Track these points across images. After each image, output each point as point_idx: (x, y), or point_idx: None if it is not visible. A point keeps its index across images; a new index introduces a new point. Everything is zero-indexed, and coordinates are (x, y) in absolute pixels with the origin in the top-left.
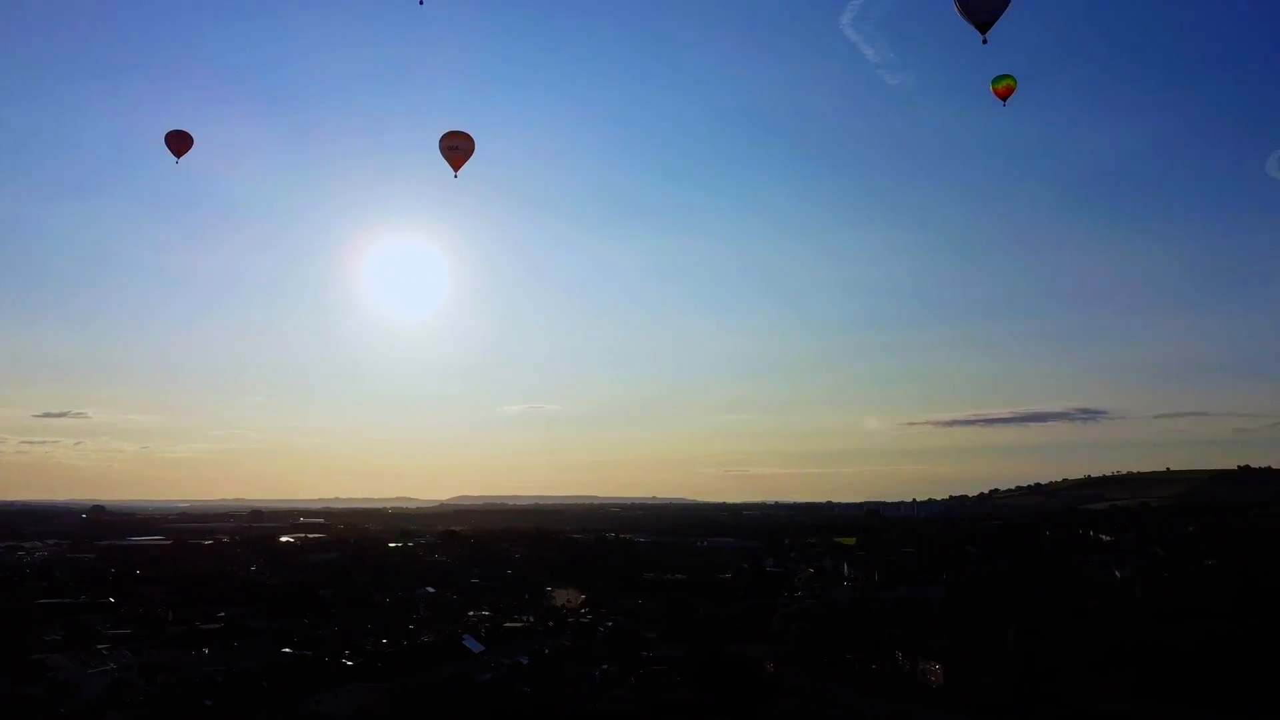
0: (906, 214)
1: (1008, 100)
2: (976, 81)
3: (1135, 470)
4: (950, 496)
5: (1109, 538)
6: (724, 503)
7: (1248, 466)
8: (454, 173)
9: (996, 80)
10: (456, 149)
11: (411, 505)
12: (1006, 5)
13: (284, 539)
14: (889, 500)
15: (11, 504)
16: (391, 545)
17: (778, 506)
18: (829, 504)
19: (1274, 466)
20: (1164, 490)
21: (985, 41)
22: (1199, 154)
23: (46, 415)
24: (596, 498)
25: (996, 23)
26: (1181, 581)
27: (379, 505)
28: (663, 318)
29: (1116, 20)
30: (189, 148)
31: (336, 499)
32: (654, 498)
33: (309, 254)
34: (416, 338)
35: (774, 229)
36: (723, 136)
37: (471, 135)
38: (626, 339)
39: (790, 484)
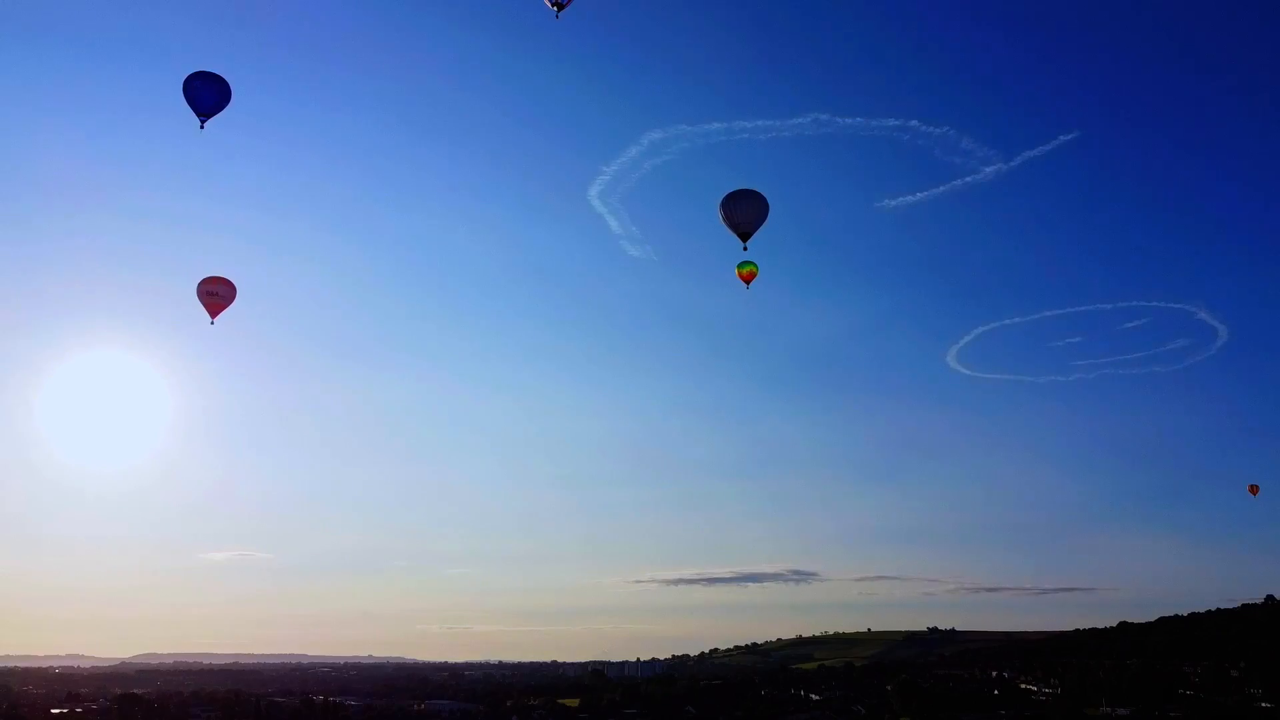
0: (634, 377)
1: (750, 284)
2: (712, 260)
3: (840, 630)
4: (673, 656)
5: (818, 697)
6: (444, 661)
7: (935, 628)
8: (211, 319)
9: (742, 265)
10: (215, 295)
11: (85, 664)
12: (764, 219)
13: None
14: (614, 660)
15: None
16: (55, 711)
17: (501, 666)
18: (553, 663)
19: (957, 628)
20: (865, 650)
21: (745, 249)
22: (893, 343)
23: None
24: (306, 656)
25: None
26: None
27: (43, 664)
28: (386, 465)
29: (828, 227)
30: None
31: None
32: (369, 656)
33: None
34: (106, 475)
35: (502, 382)
36: (462, 286)
37: (234, 282)
38: (346, 486)
39: (514, 641)
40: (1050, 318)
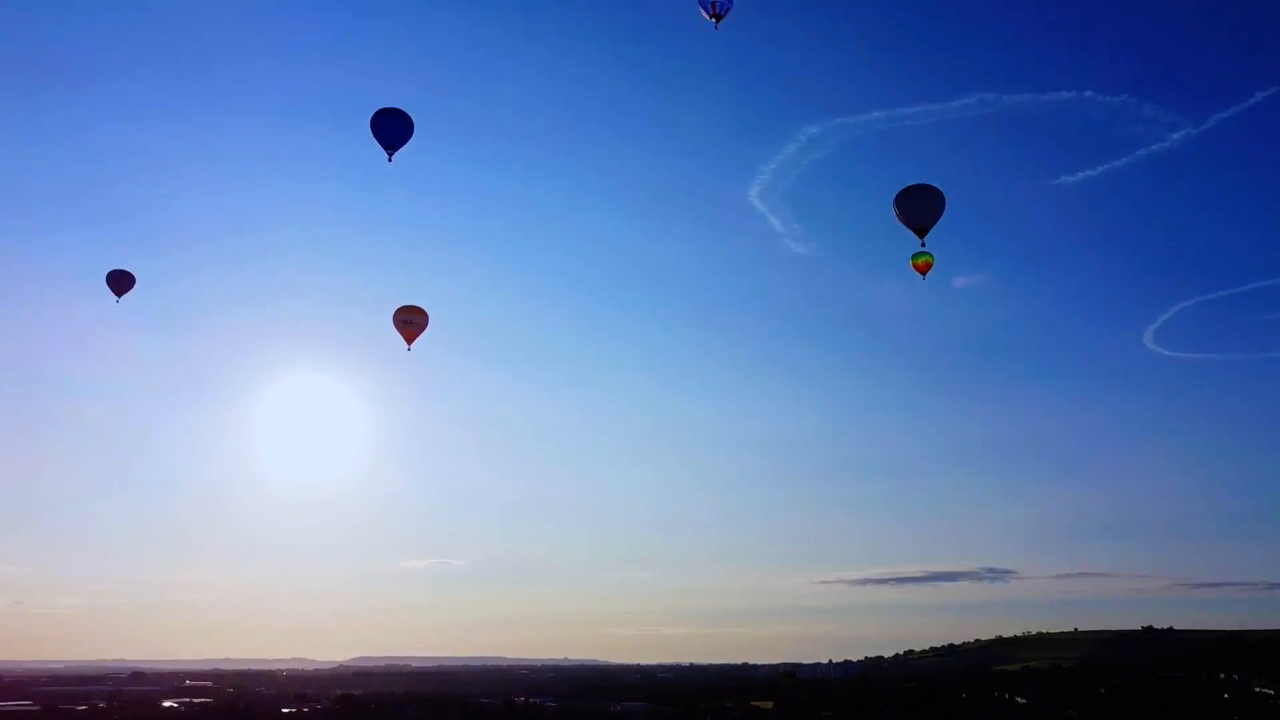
0: (810, 376)
1: (926, 274)
2: (879, 253)
3: (1044, 630)
4: (865, 657)
5: (1024, 700)
6: (636, 664)
7: (1150, 626)
8: (408, 345)
9: (916, 256)
10: (410, 323)
11: (308, 666)
12: (941, 213)
13: (167, 704)
14: (804, 661)
15: None
16: (285, 711)
17: (691, 668)
18: (744, 665)
19: (1175, 627)
20: (1071, 650)
21: (924, 245)
22: (1083, 327)
23: None
24: (504, 659)
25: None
26: None
27: (273, 666)
28: (575, 471)
29: (1003, 209)
30: (129, 287)
31: (226, 659)
32: (564, 659)
33: (191, 399)
34: (314, 486)
35: (682, 385)
36: (634, 295)
37: (426, 310)
38: (535, 493)
39: (703, 644)
40: (1255, 291)
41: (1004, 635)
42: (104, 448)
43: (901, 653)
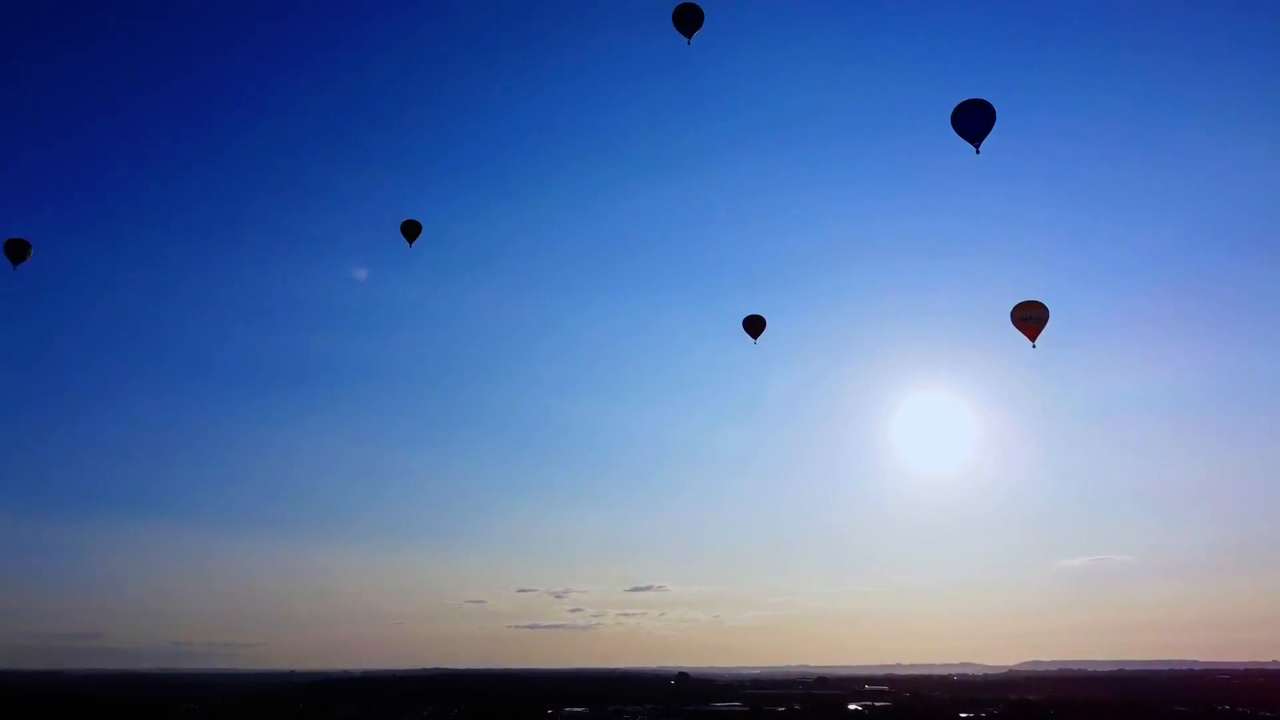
0: None
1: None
2: None
3: None
4: None
5: None
6: None
7: None
8: (1032, 343)
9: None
10: (1030, 319)
11: (976, 671)
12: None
13: (851, 706)
14: None
15: (613, 670)
16: (963, 716)
17: None
18: None
19: None
20: None
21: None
22: None
23: (635, 589)
24: (1196, 662)
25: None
26: None
27: (941, 671)
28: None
29: None
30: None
31: (898, 664)
32: (1274, 662)
33: (840, 420)
34: (954, 486)
35: None
36: None
37: (1046, 305)
38: (1212, 475)
39: None
40: None
41: None
42: (770, 477)
43: None
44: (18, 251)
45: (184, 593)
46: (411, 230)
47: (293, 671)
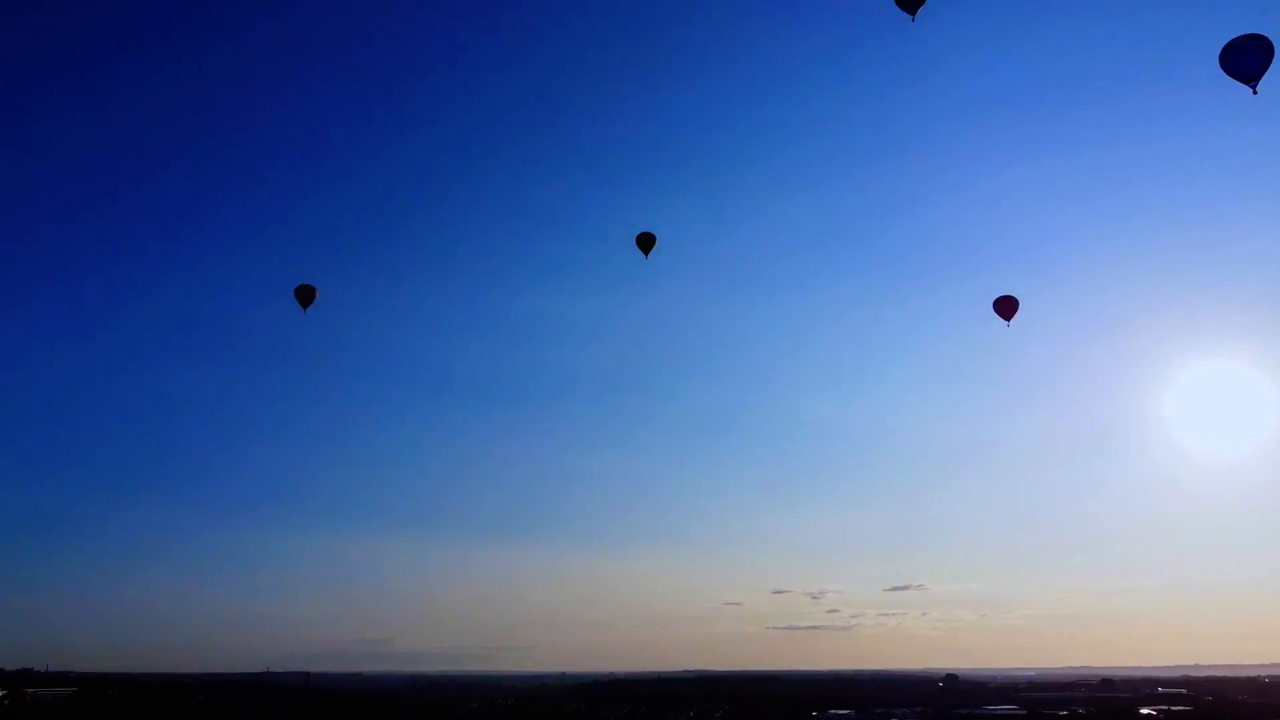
0: None
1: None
2: None
3: None
4: None
5: None
6: None
7: None
8: None
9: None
10: None
11: None
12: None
13: (1144, 711)
14: None
15: (876, 672)
16: None
17: None
18: None
19: None
20: None
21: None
22: None
23: (894, 589)
24: None
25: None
26: None
27: (1248, 673)
28: None
29: None
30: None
31: (1196, 665)
32: None
33: (1096, 408)
34: (1247, 470)
35: None
36: None
37: None
38: None
39: None
40: None
41: None
42: (1025, 466)
43: None
44: (307, 296)
45: (463, 600)
46: (647, 241)
47: (564, 674)
